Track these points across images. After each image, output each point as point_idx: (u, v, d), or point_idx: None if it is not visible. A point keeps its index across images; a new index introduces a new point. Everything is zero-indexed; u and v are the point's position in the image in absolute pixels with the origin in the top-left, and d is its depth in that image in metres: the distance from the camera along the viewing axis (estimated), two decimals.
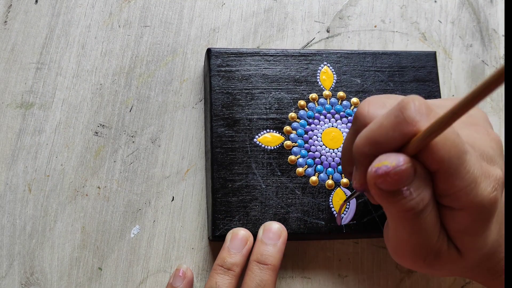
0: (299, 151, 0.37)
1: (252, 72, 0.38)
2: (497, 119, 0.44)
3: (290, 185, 0.36)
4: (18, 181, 0.37)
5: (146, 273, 0.36)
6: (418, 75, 0.40)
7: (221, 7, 0.43)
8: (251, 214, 0.35)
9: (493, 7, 0.47)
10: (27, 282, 0.35)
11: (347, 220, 0.36)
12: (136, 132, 0.39)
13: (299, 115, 0.38)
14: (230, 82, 0.38)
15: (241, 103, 0.37)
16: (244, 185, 0.36)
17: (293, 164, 0.37)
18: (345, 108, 0.39)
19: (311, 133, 0.38)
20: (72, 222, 0.37)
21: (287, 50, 0.39)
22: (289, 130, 0.37)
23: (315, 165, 0.37)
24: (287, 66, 0.39)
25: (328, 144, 0.38)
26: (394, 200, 0.26)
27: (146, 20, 0.42)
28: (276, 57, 0.39)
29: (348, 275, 0.38)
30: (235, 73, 0.38)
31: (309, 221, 0.36)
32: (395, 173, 0.25)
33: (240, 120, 0.37)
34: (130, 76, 0.40)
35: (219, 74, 0.38)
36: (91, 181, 0.38)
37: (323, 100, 0.38)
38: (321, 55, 0.39)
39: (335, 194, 0.37)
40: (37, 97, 0.39)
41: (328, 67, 0.39)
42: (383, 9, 0.45)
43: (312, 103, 0.38)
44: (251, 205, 0.36)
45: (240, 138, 0.37)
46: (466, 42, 0.45)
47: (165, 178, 0.38)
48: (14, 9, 0.41)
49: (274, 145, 0.37)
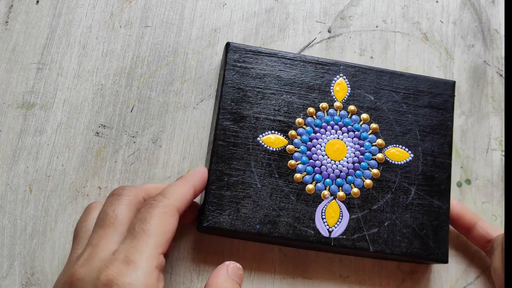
0: (300, 157, 0.37)
1: (267, 72, 0.38)
2: (499, 119, 0.44)
3: (285, 189, 0.36)
4: (19, 182, 0.37)
5: None
6: (434, 101, 0.39)
7: (222, 7, 0.43)
8: (242, 211, 0.35)
9: (494, 8, 0.47)
10: (27, 282, 0.35)
11: (337, 234, 0.36)
12: (137, 132, 0.39)
13: (307, 121, 0.38)
14: (244, 78, 0.38)
15: (251, 100, 0.37)
16: (240, 181, 0.36)
17: (292, 169, 0.37)
18: (353, 122, 0.38)
19: (316, 141, 0.38)
20: (73, 223, 0.37)
21: (305, 56, 0.39)
22: (294, 134, 0.37)
23: (314, 174, 0.37)
24: (302, 72, 0.38)
25: (331, 155, 0.37)
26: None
27: (147, 20, 0.42)
28: (294, 61, 0.39)
29: (350, 275, 0.38)
30: (250, 70, 0.38)
31: (298, 228, 0.36)
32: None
33: (247, 117, 0.37)
34: (131, 77, 0.40)
35: (234, 68, 0.38)
36: (92, 181, 0.38)
37: (333, 111, 0.38)
38: (339, 66, 0.39)
39: (329, 206, 0.36)
40: (38, 97, 0.39)
41: (343, 79, 0.39)
42: (384, 9, 0.45)
43: (321, 112, 0.38)
44: (243, 202, 0.35)
45: (244, 134, 0.37)
46: (468, 42, 0.45)
47: (166, 178, 0.38)
48: (15, 10, 0.41)
49: (277, 147, 0.37)
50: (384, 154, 0.38)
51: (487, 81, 0.45)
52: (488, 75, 0.45)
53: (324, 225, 0.36)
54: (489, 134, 0.43)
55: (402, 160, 0.38)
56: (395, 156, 0.38)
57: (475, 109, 0.44)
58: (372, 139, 0.38)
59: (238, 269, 0.31)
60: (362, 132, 0.38)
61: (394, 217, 0.37)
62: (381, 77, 0.39)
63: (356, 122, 0.38)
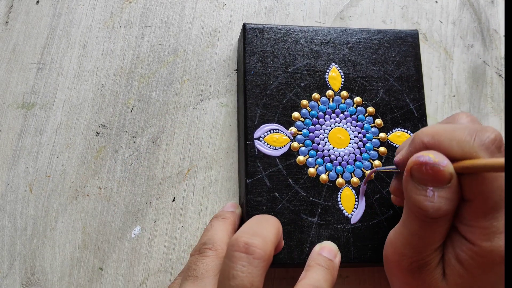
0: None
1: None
2: (498, 119, 0.44)
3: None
4: (19, 181, 0.37)
5: (147, 273, 0.36)
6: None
7: (222, 7, 0.43)
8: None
9: (494, 8, 0.47)
10: (28, 282, 0.35)
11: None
12: (137, 132, 0.39)
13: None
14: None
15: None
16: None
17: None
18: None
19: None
20: (73, 222, 0.37)
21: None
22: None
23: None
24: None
25: (336, 143, 0.38)
26: (415, 193, 0.27)
27: (147, 20, 0.42)
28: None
29: (350, 275, 0.38)
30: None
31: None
32: (432, 168, 0.26)
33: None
34: (131, 77, 0.40)
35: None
36: (92, 181, 0.38)
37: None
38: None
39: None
40: (38, 97, 0.39)
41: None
42: (384, 9, 0.45)
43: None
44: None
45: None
46: (467, 42, 0.45)
47: (166, 178, 0.38)
48: (16, 10, 0.41)
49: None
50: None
51: (486, 81, 0.45)
52: (488, 75, 0.45)
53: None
54: None
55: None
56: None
57: (475, 109, 0.44)
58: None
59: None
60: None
61: None
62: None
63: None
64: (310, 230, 0.35)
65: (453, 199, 0.27)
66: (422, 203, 0.27)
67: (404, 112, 0.39)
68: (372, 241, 0.36)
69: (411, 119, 0.39)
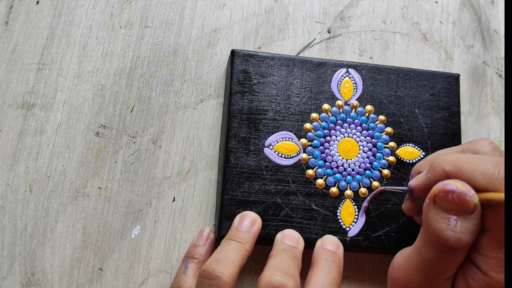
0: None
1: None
2: (498, 119, 0.44)
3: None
4: (19, 182, 0.37)
5: (147, 273, 0.36)
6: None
7: (222, 7, 0.43)
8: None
9: (494, 8, 0.47)
10: (28, 282, 0.35)
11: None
12: (137, 132, 0.39)
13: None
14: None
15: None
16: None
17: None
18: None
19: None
20: (73, 223, 0.37)
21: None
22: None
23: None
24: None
25: (344, 155, 0.38)
26: (437, 220, 0.27)
27: (147, 20, 0.42)
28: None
29: (349, 276, 0.38)
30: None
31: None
32: (458, 197, 0.26)
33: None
34: (131, 77, 0.40)
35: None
36: (92, 181, 0.38)
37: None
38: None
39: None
40: (38, 97, 0.39)
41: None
42: (384, 9, 0.45)
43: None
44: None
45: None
46: (467, 42, 0.45)
47: (166, 178, 0.38)
48: (16, 10, 0.41)
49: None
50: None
51: (486, 81, 0.45)
52: (488, 76, 0.45)
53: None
54: (488, 134, 0.43)
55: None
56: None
57: (475, 110, 0.44)
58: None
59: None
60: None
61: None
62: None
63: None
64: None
65: (475, 231, 0.27)
66: (443, 232, 0.26)
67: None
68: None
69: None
